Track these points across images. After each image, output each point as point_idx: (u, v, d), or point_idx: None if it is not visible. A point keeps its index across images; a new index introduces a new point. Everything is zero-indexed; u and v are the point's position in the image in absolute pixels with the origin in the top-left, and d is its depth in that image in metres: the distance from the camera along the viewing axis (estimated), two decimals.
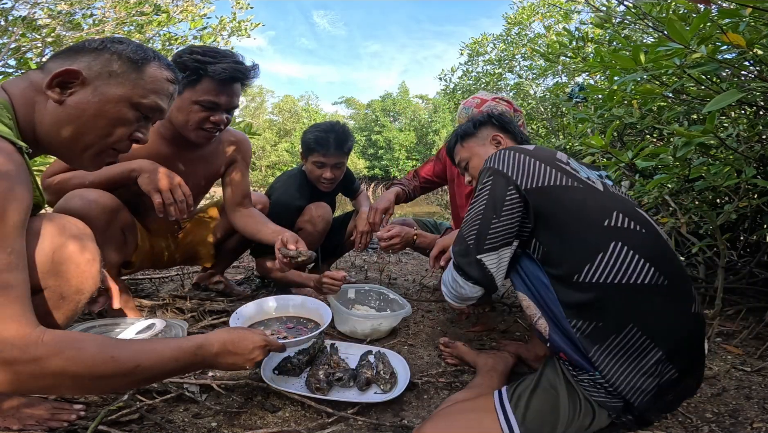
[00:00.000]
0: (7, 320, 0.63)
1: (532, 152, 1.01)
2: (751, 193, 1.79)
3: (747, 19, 1.15)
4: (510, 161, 0.99)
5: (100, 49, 0.87)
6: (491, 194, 0.99)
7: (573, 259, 0.92)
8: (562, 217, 0.95)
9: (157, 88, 0.91)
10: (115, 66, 0.86)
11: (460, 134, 1.36)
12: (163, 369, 0.76)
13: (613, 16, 2.10)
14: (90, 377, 0.68)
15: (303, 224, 2.00)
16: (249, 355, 0.89)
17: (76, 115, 0.83)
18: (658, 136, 2.31)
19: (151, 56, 0.92)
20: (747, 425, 1.09)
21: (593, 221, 0.92)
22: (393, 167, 28.06)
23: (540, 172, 0.97)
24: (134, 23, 3.21)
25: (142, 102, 0.89)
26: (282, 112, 29.47)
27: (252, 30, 4.13)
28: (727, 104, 1.05)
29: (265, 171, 24.64)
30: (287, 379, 1.25)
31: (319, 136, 1.95)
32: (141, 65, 0.89)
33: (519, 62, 7.50)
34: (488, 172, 1.02)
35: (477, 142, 1.33)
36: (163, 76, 0.93)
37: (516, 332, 1.76)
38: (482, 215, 1.00)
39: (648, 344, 0.87)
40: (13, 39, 2.68)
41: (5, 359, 0.62)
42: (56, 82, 0.81)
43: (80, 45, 0.87)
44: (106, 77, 0.85)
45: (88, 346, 0.69)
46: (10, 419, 0.93)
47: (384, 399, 1.16)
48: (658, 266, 0.89)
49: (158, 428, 1.02)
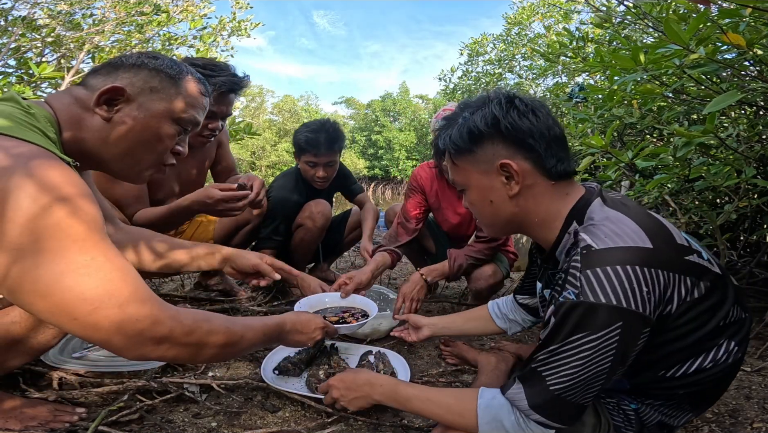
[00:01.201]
0: (148, 299, 0.69)
1: (652, 254, 0.72)
2: (751, 193, 1.79)
3: (747, 19, 1.15)
4: (639, 288, 0.70)
5: (138, 65, 0.89)
6: (621, 345, 0.71)
7: (665, 362, 0.80)
8: (679, 331, 0.77)
9: (194, 102, 0.94)
10: (156, 82, 0.89)
11: (452, 149, 0.89)
12: (256, 341, 0.88)
13: (613, 16, 2.10)
14: (219, 345, 0.77)
15: (303, 220, 2.01)
16: (312, 334, 1.06)
17: (124, 131, 0.86)
18: (658, 136, 2.31)
19: (185, 71, 0.94)
20: (747, 425, 1.09)
21: (713, 327, 0.78)
22: (393, 167, 28.07)
23: (674, 289, 0.74)
24: (134, 23, 3.22)
25: (182, 117, 0.92)
26: (282, 112, 29.45)
27: (252, 30, 4.13)
28: (727, 104, 1.05)
29: (265, 171, 24.63)
30: (287, 379, 1.25)
31: (309, 137, 1.96)
32: (178, 80, 0.92)
33: (519, 62, 7.51)
34: (611, 315, 0.69)
35: (476, 166, 0.87)
36: (198, 90, 0.96)
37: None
38: (607, 374, 0.73)
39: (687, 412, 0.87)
40: (13, 39, 2.69)
41: (162, 336, 0.69)
42: (103, 99, 0.83)
43: (118, 61, 0.90)
44: (148, 93, 0.88)
45: (215, 319, 0.78)
46: (12, 420, 0.93)
47: None
48: (742, 346, 0.82)
49: (158, 428, 1.02)
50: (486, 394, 0.84)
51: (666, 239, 0.76)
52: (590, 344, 0.71)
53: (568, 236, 0.82)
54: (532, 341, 1.67)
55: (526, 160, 0.83)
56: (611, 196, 0.86)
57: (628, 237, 0.73)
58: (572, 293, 0.72)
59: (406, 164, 27.63)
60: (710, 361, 0.79)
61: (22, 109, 0.74)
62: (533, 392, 0.76)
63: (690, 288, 0.75)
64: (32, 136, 0.69)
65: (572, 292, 0.72)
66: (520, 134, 0.82)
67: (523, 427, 0.78)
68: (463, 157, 0.88)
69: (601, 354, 0.71)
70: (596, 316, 0.70)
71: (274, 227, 1.99)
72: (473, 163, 0.87)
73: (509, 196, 0.85)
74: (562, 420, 0.77)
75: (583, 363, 0.72)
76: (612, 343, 0.70)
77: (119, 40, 3.24)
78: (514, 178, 0.83)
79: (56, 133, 0.79)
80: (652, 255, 0.72)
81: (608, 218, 0.77)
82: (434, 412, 0.89)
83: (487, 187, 0.87)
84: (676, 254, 0.76)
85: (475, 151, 0.86)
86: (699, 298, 0.76)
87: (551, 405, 0.75)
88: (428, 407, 0.89)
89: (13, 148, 0.65)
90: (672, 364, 0.80)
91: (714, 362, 0.79)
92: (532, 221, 0.87)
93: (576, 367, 0.72)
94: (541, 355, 0.76)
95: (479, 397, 0.84)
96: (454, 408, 0.86)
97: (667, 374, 0.80)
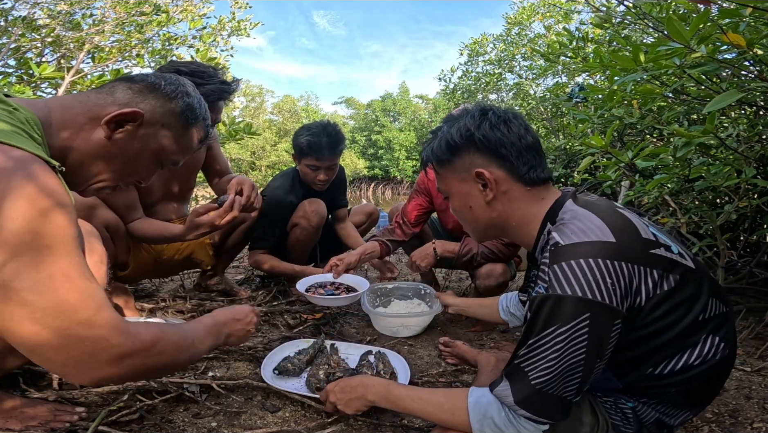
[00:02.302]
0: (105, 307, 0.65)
1: (615, 247, 0.75)
2: (751, 193, 1.79)
3: (747, 19, 1.15)
4: (603, 280, 0.72)
5: (172, 97, 0.87)
6: (593, 339, 0.72)
7: (651, 360, 0.81)
8: (657, 326, 0.78)
9: (188, 148, 0.93)
10: (172, 120, 0.87)
11: (434, 160, 0.98)
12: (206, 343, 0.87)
13: (613, 16, 2.10)
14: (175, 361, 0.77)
15: (298, 220, 2.01)
16: (246, 318, 1.03)
17: (116, 153, 0.82)
18: (658, 136, 2.31)
19: (200, 116, 0.93)
20: (747, 425, 1.09)
21: (691, 321, 0.79)
22: (393, 167, 28.06)
23: (641, 281, 0.76)
24: (134, 23, 3.21)
25: (170, 158, 0.90)
26: (282, 112, 29.44)
27: (251, 30, 4.13)
28: (727, 104, 1.05)
29: (265, 171, 24.63)
30: (287, 379, 1.25)
31: (311, 140, 1.92)
32: (190, 126, 0.90)
33: (519, 62, 7.50)
34: (577, 306, 0.72)
35: (455, 174, 0.94)
36: (198, 137, 0.94)
37: (516, 332, 1.76)
38: (583, 366, 0.74)
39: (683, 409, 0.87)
40: (13, 39, 2.69)
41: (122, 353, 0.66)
42: (116, 121, 0.80)
43: (158, 83, 0.86)
44: (159, 128, 0.86)
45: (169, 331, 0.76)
46: (12, 420, 0.93)
47: None
48: (728, 342, 0.82)
49: (158, 428, 1.02)
50: (475, 392, 0.85)
51: (631, 233, 0.79)
52: (562, 336, 0.73)
53: (544, 236, 0.88)
54: None
55: (500, 168, 0.90)
56: (583, 196, 0.90)
57: (592, 232, 0.76)
58: (542, 288, 0.76)
59: (406, 164, 27.62)
60: (696, 357, 0.80)
61: (7, 108, 0.70)
62: (517, 388, 0.78)
63: (657, 280, 0.77)
64: (17, 139, 0.65)
65: (542, 286, 0.76)
66: (492, 145, 0.89)
67: (514, 423, 0.79)
68: (444, 167, 0.96)
69: (573, 346, 0.73)
70: (564, 308, 0.73)
71: (268, 228, 1.99)
72: (453, 172, 0.94)
73: (486, 202, 0.92)
74: (548, 415, 0.77)
75: (558, 355, 0.73)
76: (582, 334, 0.72)
77: (119, 40, 3.23)
78: (489, 185, 0.90)
79: (42, 137, 0.74)
80: (615, 248, 0.75)
81: (576, 216, 0.81)
82: (426, 410, 0.90)
83: (466, 194, 0.94)
84: (641, 247, 0.78)
85: (453, 162, 0.93)
86: (669, 291, 0.77)
87: (535, 400, 0.77)
88: (420, 406, 0.90)
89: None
90: (658, 361, 0.81)
91: (701, 359, 0.80)
92: (510, 224, 0.93)
93: (552, 360, 0.74)
94: (522, 350, 0.78)
95: (469, 395, 0.85)
96: (446, 406, 0.87)
97: (655, 371, 0.81)
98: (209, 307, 1.81)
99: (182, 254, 1.87)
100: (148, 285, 2.22)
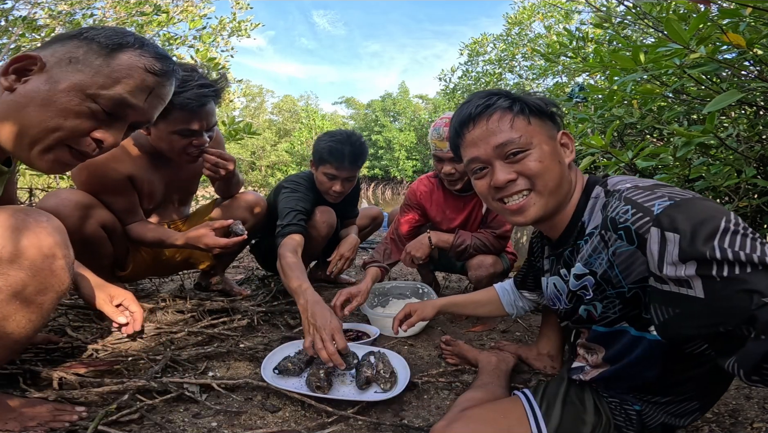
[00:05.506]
0: None
1: None
2: (751, 193, 1.79)
3: (747, 19, 1.15)
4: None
5: (73, 35, 0.77)
6: None
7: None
8: None
9: (123, 76, 0.77)
10: (80, 52, 0.76)
11: (535, 108, 0.93)
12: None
13: (613, 16, 2.10)
14: None
15: (307, 228, 1.98)
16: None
17: (23, 104, 0.73)
18: (658, 136, 2.31)
19: (130, 42, 0.79)
20: (747, 425, 1.09)
21: None
22: (393, 167, 28.06)
23: None
24: (134, 23, 3.22)
25: (100, 93, 0.76)
26: (282, 112, 29.46)
27: (252, 30, 4.14)
28: (727, 104, 1.05)
29: (265, 171, 24.64)
30: (287, 379, 1.25)
31: (333, 147, 1.81)
32: (112, 51, 0.77)
33: (519, 62, 7.51)
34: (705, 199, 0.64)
35: (544, 130, 0.93)
36: (139, 64, 0.79)
37: (516, 332, 1.76)
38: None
39: (694, 404, 0.86)
40: (13, 39, 2.69)
41: None
42: (12, 69, 0.73)
43: (61, 34, 0.79)
44: (65, 64, 0.75)
45: None
46: (11, 420, 0.93)
47: (384, 398, 1.16)
48: None
49: (158, 428, 1.02)
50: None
51: None
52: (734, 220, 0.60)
53: (594, 200, 0.89)
54: (532, 341, 1.66)
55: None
56: None
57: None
58: (636, 217, 0.67)
59: (406, 164, 27.63)
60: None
61: None
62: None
63: None
64: None
65: (634, 215, 0.68)
66: (562, 120, 0.99)
67: None
68: (538, 119, 0.94)
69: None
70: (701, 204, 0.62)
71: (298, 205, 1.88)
72: (543, 127, 0.94)
73: (567, 163, 0.95)
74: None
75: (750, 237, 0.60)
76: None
77: None
78: (569, 147, 0.95)
79: None
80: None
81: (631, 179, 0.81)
82: None
83: (554, 151, 0.93)
84: None
85: (547, 118, 0.95)
86: None
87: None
88: None
89: None
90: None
91: None
92: (568, 190, 0.94)
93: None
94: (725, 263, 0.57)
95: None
96: None
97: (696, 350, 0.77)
98: (209, 307, 1.81)
99: (182, 254, 1.86)
100: (148, 285, 2.22)
